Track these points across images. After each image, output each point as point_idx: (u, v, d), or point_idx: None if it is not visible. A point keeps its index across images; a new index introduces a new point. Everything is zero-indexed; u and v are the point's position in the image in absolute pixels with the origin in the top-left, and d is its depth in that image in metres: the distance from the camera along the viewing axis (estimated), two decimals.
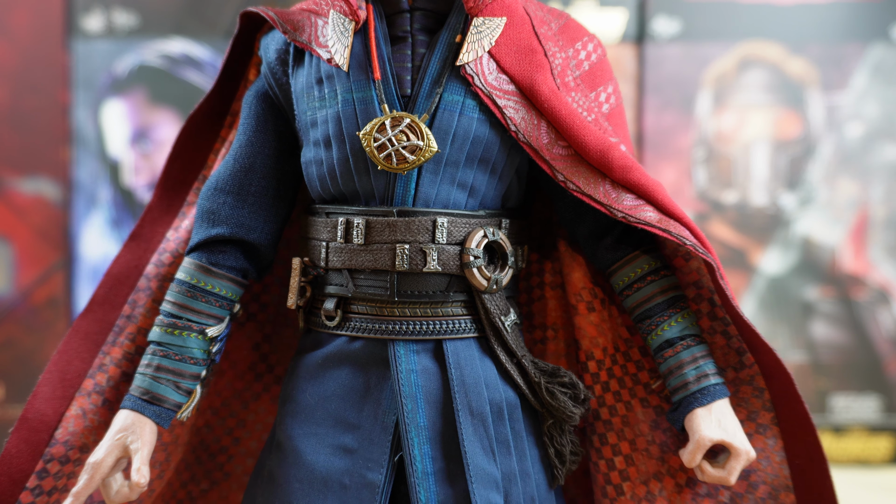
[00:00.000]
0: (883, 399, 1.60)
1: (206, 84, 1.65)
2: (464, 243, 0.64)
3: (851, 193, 1.60)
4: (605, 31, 1.60)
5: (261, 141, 0.70)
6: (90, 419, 0.68)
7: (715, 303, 0.67)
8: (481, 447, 0.62)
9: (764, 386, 0.67)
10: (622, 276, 0.67)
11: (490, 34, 0.63)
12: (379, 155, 0.62)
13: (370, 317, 0.65)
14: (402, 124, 0.62)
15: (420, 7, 0.65)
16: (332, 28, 0.65)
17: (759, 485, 0.67)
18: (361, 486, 0.62)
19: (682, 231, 0.62)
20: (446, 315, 0.64)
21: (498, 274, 0.65)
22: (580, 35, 0.69)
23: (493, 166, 0.65)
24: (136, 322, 0.71)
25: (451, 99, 0.63)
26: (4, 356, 1.74)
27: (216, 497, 0.80)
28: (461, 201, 0.64)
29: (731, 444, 0.63)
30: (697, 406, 0.63)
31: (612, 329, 0.70)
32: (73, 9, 1.67)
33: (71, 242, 1.70)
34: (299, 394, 0.67)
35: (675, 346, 0.65)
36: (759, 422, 0.67)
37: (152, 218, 0.76)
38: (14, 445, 0.67)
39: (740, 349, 0.67)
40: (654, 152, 1.61)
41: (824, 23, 1.61)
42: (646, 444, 0.68)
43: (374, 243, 0.63)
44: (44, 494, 0.66)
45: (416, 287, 0.64)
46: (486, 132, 0.64)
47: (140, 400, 0.65)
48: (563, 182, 0.63)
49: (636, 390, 0.69)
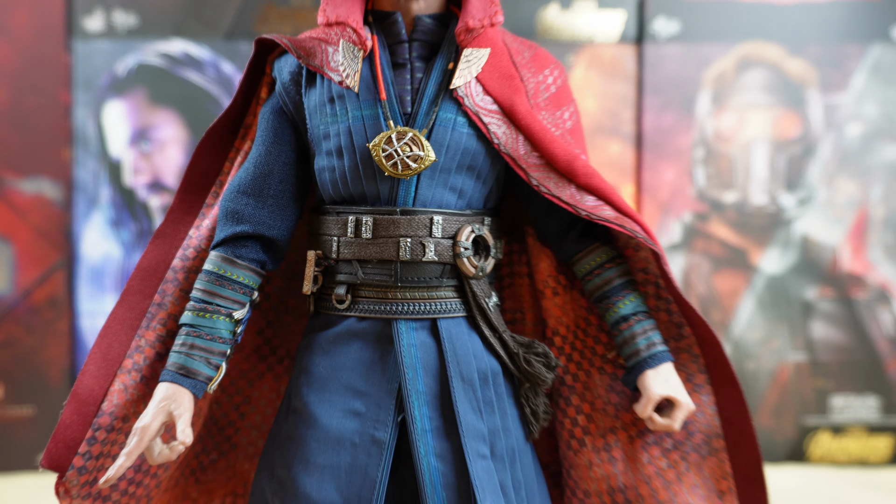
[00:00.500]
0: (883, 399, 1.80)
1: (207, 84, 1.85)
2: (455, 237, 0.85)
3: (851, 193, 1.80)
4: (604, 32, 1.80)
5: (277, 150, 0.91)
6: (130, 393, 0.88)
7: (660, 286, 0.91)
8: (471, 407, 0.84)
9: (699, 353, 0.91)
10: (584, 264, 0.89)
11: (477, 62, 0.85)
12: (386, 163, 0.83)
13: (376, 300, 0.86)
14: (405, 137, 0.83)
15: (417, 38, 0.87)
16: (342, 55, 0.86)
17: (696, 433, 0.91)
18: (370, 443, 0.83)
19: (634, 226, 0.84)
20: (440, 298, 0.86)
21: (483, 262, 0.86)
22: (548, 63, 0.92)
23: (479, 173, 0.86)
24: (166, 309, 0.91)
25: (445, 116, 0.84)
26: (4, 356, 1.90)
27: (224, 465, 1.01)
28: (452, 202, 0.86)
29: (675, 398, 0.86)
30: (648, 368, 0.87)
31: (574, 310, 0.93)
32: (73, 9, 1.85)
33: (71, 242, 1.89)
34: (313, 367, 0.88)
35: (628, 321, 0.88)
36: (695, 382, 0.91)
37: (175, 218, 0.96)
38: (67, 416, 0.87)
39: (680, 323, 0.91)
40: (653, 152, 1.81)
41: (824, 23, 1.80)
42: (603, 404, 0.91)
43: (380, 237, 0.85)
44: (92, 458, 0.86)
45: (416, 274, 0.85)
46: (474, 144, 0.85)
47: (177, 374, 0.85)
48: (536, 186, 0.85)
49: (594, 360, 0.93)
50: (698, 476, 0.91)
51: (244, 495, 1.01)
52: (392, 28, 0.87)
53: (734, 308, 1.80)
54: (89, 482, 0.86)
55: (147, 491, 0.91)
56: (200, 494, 0.99)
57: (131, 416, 0.88)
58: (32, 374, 1.92)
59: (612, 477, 0.90)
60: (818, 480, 1.75)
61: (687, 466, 0.91)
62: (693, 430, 0.91)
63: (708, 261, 1.81)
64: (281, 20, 1.88)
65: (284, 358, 1.02)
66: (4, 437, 1.92)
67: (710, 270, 1.81)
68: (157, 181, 1.88)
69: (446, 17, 0.89)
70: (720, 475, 0.91)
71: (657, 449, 0.91)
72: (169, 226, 0.95)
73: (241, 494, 1.02)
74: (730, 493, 0.91)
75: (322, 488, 0.83)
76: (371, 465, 0.83)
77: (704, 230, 1.81)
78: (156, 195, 1.89)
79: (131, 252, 1.89)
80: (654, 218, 1.81)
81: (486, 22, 0.84)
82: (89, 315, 1.90)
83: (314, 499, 0.83)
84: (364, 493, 0.82)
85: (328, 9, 0.87)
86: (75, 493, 0.85)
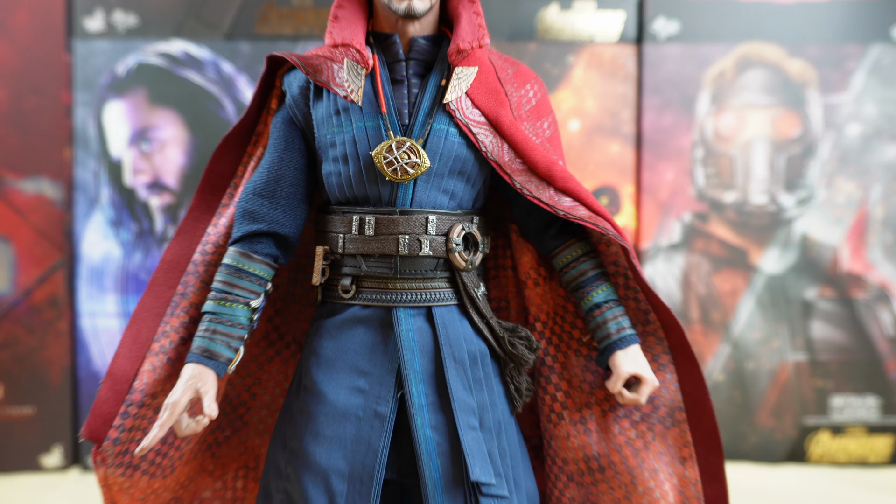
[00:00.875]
0: (883, 399, 2.02)
1: (207, 84, 2.06)
2: (448, 234, 1.08)
3: (851, 193, 2.02)
4: (604, 32, 2.02)
5: (288, 157, 1.14)
6: (158, 373, 1.12)
7: (629, 277, 1.14)
8: (462, 385, 1.07)
9: (663, 336, 1.14)
10: (562, 257, 1.13)
11: (467, 79, 1.09)
12: (387, 169, 1.06)
13: (378, 290, 1.09)
14: (404, 146, 1.06)
15: (413, 58, 1.10)
16: (346, 72, 1.09)
17: (661, 406, 1.15)
18: (373, 416, 1.07)
19: (605, 224, 1.07)
20: (435, 288, 1.09)
21: (472, 256, 1.10)
22: (528, 78, 1.16)
23: (468, 177, 1.10)
24: (188, 298, 1.14)
25: (438, 127, 1.08)
26: (4, 356, 2.06)
27: (237, 441, 1.25)
28: (445, 203, 1.09)
29: (642, 376, 1.10)
30: (618, 350, 1.10)
31: (553, 299, 1.17)
32: (73, 9, 2.03)
33: (71, 242, 2.07)
34: (321, 349, 1.11)
35: (601, 308, 1.11)
36: (660, 362, 1.15)
37: (194, 217, 1.20)
38: (104, 393, 1.10)
39: (646, 310, 1.14)
40: (653, 152, 2.03)
41: (824, 23, 2.01)
42: (579, 382, 1.16)
43: (381, 234, 1.08)
44: (125, 431, 1.10)
45: (413, 267, 1.09)
46: (464, 152, 1.09)
47: (202, 356, 1.08)
48: (519, 189, 1.08)
49: (571, 343, 1.17)
50: (663, 445, 1.15)
51: (255, 468, 1.26)
52: (391, 48, 1.10)
53: (734, 308, 2.03)
54: (122, 452, 1.10)
55: (171, 462, 1.14)
56: (216, 467, 1.24)
57: (159, 393, 1.12)
58: (32, 374, 2.09)
59: (587, 446, 1.15)
60: (818, 480, 1.96)
61: (653, 436, 1.15)
62: (658, 405, 1.16)
63: (708, 261, 2.04)
64: (281, 20, 2.08)
65: (291, 343, 1.26)
66: (4, 437, 2.09)
67: (709, 270, 2.04)
68: (157, 181, 2.08)
69: (438, 38, 1.13)
70: (682, 444, 1.15)
71: (627, 421, 1.15)
72: (189, 223, 1.18)
73: (253, 468, 1.26)
74: (691, 459, 1.15)
75: (330, 457, 1.06)
76: (374, 437, 1.06)
77: (704, 230, 2.04)
78: (156, 195, 2.08)
79: (131, 252, 2.09)
80: (653, 218, 2.04)
81: (475, 44, 1.08)
82: (89, 315, 2.09)
83: (323, 466, 1.06)
84: (368, 461, 1.06)
85: (335, 31, 1.10)
86: (110, 462, 1.09)
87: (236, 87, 2.08)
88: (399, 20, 1.09)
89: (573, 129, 2.04)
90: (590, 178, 2.05)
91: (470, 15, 1.10)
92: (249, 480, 1.26)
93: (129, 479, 1.11)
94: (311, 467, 1.07)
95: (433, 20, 1.12)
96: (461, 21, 1.09)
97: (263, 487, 1.13)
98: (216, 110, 2.08)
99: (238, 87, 2.08)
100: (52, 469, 2.11)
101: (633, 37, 2.03)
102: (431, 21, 1.11)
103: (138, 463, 1.11)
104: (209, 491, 1.24)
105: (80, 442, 2.02)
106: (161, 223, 2.10)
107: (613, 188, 2.05)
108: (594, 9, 2.03)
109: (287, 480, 1.09)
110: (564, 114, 2.04)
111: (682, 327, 1.11)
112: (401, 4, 1.05)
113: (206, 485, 1.24)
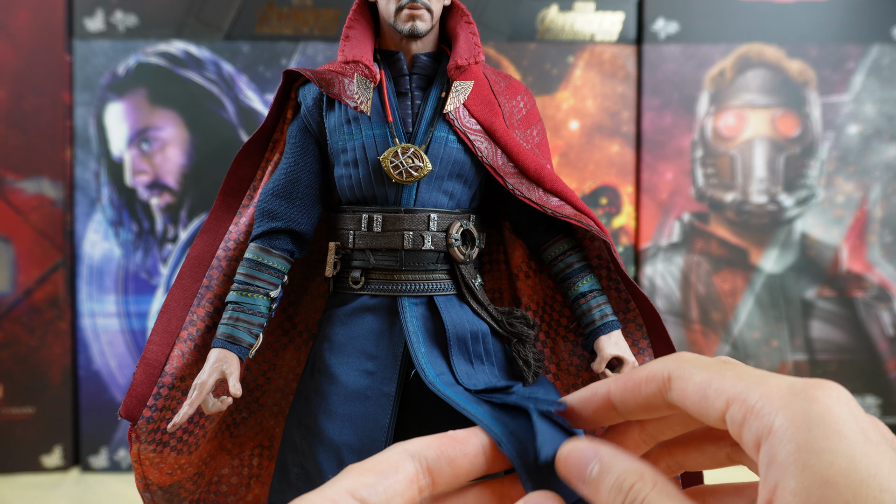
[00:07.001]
0: (883, 399, 2.27)
1: (207, 84, 2.30)
2: (448, 230, 1.36)
3: (850, 193, 2.26)
4: (604, 32, 2.26)
5: (303, 161, 1.43)
6: (186, 358, 1.40)
7: (611, 269, 1.42)
8: (463, 359, 1.34)
9: (642, 322, 1.42)
10: (551, 251, 1.42)
11: (464, 92, 1.38)
12: (393, 172, 1.34)
13: (384, 281, 1.37)
14: (408, 152, 1.34)
15: (416, 72, 1.39)
16: (356, 86, 1.38)
17: None
18: (380, 395, 1.35)
19: (589, 222, 1.35)
20: (436, 279, 1.37)
21: (469, 251, 1.38)
22: (519, 91, 1.45)
23: (466, 179, 1.38)
24: (213, 290, 1.43)
25: (439, 135, 1.36)
26: (5, 356, 2.23)
27: (253, 422, 1.53)
28: (445, 203, 1.37)
29: (623, 357, 1.38)
30: (602, 334, 1.38)
31: (542, 290, 1.46)
32: (73, 9, 2.24)
33: (72, 242, 2.27)
34: (333, 335, 1.39)
35: (586, 297, 1.40)
36: (639, 346, 1.43)
37: (217, 216, 1.48)
38: (138, 376, 1.38)
39: (627, 299, 1.42)
40: (653, 152, 2.27)
41: (824, 23, 2.25)
42: (566, 365, 1.44)
43: (388, 231, 1.36)
44: (157, 410, 1.37)
45: (417, 260, 1.36)
46: (462, 157, 1.37)
47: (226, 341, 1.37)
48: (511, 190, 1.36)
49: (559, 330, 1.45)
50: None
51: (270, 447, 1.55)
52: (396, 64, 1.40)
53: (734, 307, 2.28)
54: (154, 430, 1.38)
55: (196, 439, 1.43)
56: (234, 446, 1.53)
57: (187, 376, 1.40)
58: (32, 374, 2.27)
59: None
60: None
61: None
62: None
63: (708, 260, 2.28)
64: (281, 20, 2.30)
65: (304, 332, 1.55)
66: (4, 437, 2.28)
67: (709, 270, 2.28)
68: (157, 181, 2.30)
69: (438, 54, 1.42)
70: None
71: None
72: (213, 222, 1.47)
73: (268, 446, 1.55)
74: None
75: (342, 432, 1.34)
76: (381, 414, 1.35)
77: (704, 230, 2.27)
78: (156, 195, 2.30)
79: (131, 252, 2.28)
80: (653, 218, 2.27)
81: (472, 60, 1.37)
82: (89, 314, 2.31)
83: (336, 441, 1.34)
84: (376, 436, 1.34)
85: (346, 49, 1.40)
86: (144, 438, 1.37)
87: (236, 86, 2.32)
88: (403, 39, 1.38)
89: (573, 129, 2.26)
90: (590, 177, 2.26)
91: (467, 34, 1.39)
92: (264, 458, 1.55)
93: (159, 454, 1.38)
94: (324, 442, 1.34)
95: (434, 39, 1.41)
96: (459, 39, 1.39)
97: (280, 462, 1.41)
98: (216, 110, 2.30)
99: (238, 87, 2.31)
100: (52, 469, 2.31)
101: (632, 37, 2.26)
102: (432, 40, 1.41)
103: (168, 440, 1.39)
104: (227, 468, 1.53)
105: (118, 420, 2.19)
106: (161, 223, 2.32)
107: (613, 188, 2.27)
108: (594, 9, 2.26)
109: (302, 455, 1.37)
110: (564, 114, 2.26)
111: (659, 314, 1.40)
112: (405, 25, 1.34)
113: (224, 462, 1.53)
